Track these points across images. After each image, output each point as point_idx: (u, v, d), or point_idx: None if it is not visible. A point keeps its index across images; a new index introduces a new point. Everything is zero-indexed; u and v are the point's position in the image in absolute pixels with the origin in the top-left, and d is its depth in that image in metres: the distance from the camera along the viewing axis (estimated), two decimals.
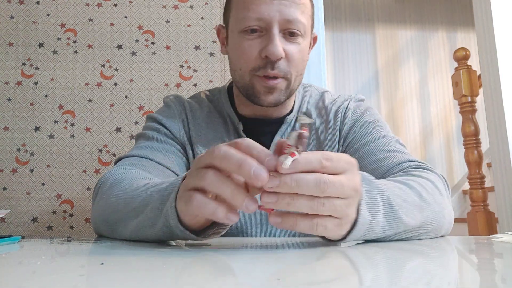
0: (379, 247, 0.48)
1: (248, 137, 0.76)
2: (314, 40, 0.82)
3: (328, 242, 0.50)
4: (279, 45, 0.69)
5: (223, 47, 0.81)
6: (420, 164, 0.70)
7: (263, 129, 0.80)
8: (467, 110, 2.18)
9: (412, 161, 0.71)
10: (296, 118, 0.38)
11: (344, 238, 0.47)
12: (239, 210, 0.42)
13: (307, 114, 0.41)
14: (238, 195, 0.40)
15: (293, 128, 0.80)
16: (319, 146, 0.80)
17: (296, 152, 0.40)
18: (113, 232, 0.62)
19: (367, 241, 0.52)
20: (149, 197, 0.53)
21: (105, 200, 0.63)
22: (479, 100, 2.39)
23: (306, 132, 0.41)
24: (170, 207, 0.47)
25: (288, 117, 0.79)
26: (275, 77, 0.72)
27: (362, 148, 0.76)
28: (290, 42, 0.72)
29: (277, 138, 0.79)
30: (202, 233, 0.48)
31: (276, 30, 0.69)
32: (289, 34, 0.71)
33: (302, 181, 0.40)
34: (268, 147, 0.77)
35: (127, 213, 0.57)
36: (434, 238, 0.60)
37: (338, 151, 0.79)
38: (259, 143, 0.77)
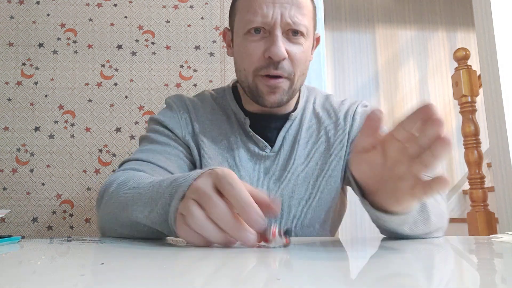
0: (384, 249, 0.48)
1: (255, 132, 0.81)
2: (317, 40, 0.84)
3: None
4: (282, 46, 0.71)
5: (229, 49, 0.84)
6: None
7: (268, 124, 0.83)
8: (467, 110, 2.18)
9: None
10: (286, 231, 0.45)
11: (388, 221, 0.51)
12: None
13: (288, 231, 0.45)
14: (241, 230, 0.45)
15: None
16: (328, 146, 0.83)
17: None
18: (121, 229, 0.62)
19: (371, 241, 0.52)
20: (159, 193, 0.55)
21: (114, 199, 0.63)
22: (479, 100, 2.38)
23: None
24: (172, 212, 0.49)
25: (292, 113, 0.83)
26: (278, 77, 0.74)
27: None
28: (293, 43, 0.74)
29: (282, 134, 0.82)
30: None
31: (278, 32, 0.72)
32: (293, 33, 0.73)
33: None
34: (273, 142, 0.82)
35: (137, 208, 0.57)
36: (432, 238, 0.62)
37: (346, 152, 0.83)
38: (265, 138, 0.81)
